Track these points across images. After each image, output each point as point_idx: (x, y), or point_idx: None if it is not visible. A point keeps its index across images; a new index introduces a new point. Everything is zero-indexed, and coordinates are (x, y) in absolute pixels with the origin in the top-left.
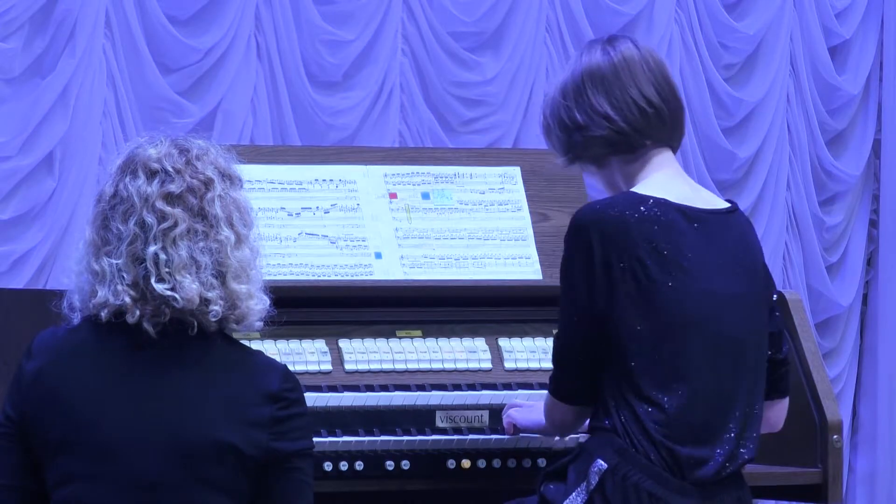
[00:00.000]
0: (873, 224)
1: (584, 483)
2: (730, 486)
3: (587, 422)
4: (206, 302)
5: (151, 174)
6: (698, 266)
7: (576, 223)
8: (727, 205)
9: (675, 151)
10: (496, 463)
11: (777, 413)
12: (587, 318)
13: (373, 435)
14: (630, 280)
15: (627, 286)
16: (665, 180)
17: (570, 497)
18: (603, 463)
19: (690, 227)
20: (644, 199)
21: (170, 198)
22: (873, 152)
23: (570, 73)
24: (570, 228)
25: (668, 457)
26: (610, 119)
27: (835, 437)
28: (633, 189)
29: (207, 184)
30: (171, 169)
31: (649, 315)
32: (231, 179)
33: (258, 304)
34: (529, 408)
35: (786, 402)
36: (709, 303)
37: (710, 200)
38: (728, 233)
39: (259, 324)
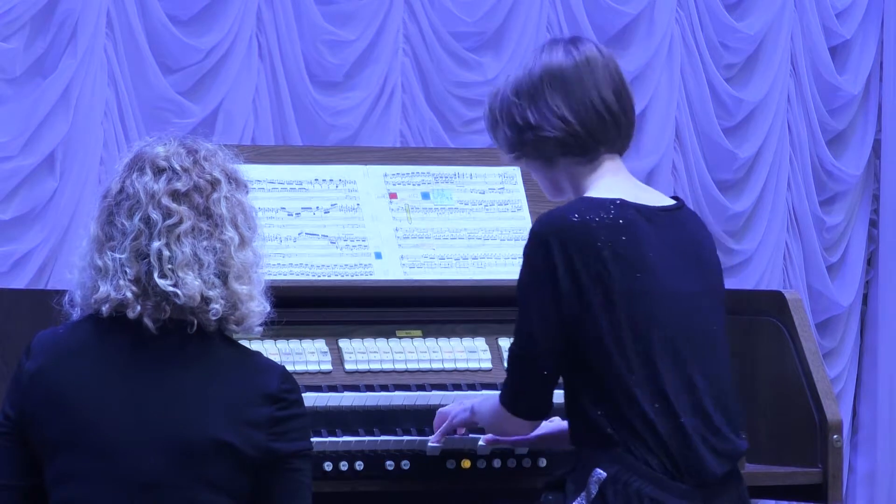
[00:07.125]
0: (873, 224)
1: (584, 493)
2: (730, 486)
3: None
4: (206, 300)
5: (158, 171)
6: (659, 265)
7: (536, 233)
8: (673, 202)
9: (621, 156)
10: (496, 463)
11: None
12: (554, 326)
13: (373, 435)
14: (597, 285)
15: (595, 291)
16: (615, 183)
17: None
18: (602, 472)
19: (649, 226)
20: (604, 202)
21: (176, 195)
22: (873, 152)
23: (527, 71)
24: (530, 238)
25: (665, 460)
26: (566, 121)
27: (835, 437)
28: (586, 193)
29: (214, 184)
30: (178, 167)
31: (620, 318)
32: (237, 183)
33: (258, 307)
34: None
35: None
36: (674, 301)
37: (660, 199)
38: (680, 229)
39: (259, 328)
